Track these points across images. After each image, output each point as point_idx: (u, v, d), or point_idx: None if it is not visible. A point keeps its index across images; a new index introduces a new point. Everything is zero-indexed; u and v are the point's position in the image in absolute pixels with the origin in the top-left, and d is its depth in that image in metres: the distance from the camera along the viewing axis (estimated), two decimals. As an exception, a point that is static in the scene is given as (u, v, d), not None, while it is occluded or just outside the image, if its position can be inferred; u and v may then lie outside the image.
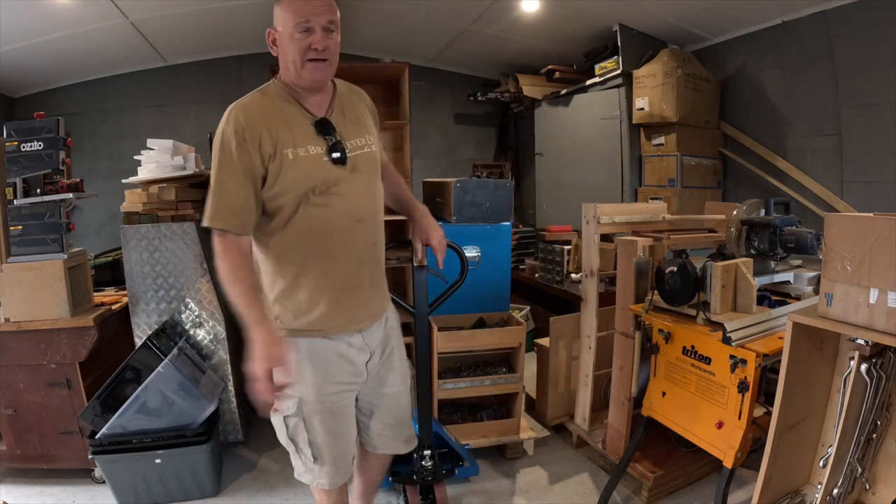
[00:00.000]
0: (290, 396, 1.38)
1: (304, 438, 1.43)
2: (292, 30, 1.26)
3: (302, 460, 1.47)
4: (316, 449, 1.44)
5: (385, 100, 2.95)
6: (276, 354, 1.23)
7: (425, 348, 1.90)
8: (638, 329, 2.03)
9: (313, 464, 1.46)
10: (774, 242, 1.94)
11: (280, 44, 1.30)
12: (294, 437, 1.43)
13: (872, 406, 1.45)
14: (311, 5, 1.26)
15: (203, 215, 1.29)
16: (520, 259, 4.24)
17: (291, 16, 1.26)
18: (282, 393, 1.27)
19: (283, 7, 1.28)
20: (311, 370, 1.39)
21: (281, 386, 1.24)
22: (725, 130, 3.82)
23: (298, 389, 1.38)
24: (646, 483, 2.12)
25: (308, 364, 1.39)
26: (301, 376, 1.37)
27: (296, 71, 1.30)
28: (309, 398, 1.40)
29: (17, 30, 3.31)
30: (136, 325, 2.44)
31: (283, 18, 1.28)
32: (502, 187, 2.68)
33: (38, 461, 2.34)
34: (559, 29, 4.07)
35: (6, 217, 2.18)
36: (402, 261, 2.61)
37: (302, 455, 1.45)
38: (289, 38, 1.27)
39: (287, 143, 1.30)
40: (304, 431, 1.42)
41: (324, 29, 1.28)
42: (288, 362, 1.26)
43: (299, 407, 1.40)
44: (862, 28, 2.93)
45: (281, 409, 1.39)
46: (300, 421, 1.41)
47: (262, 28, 1.39)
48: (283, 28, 1.28)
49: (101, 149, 4.50)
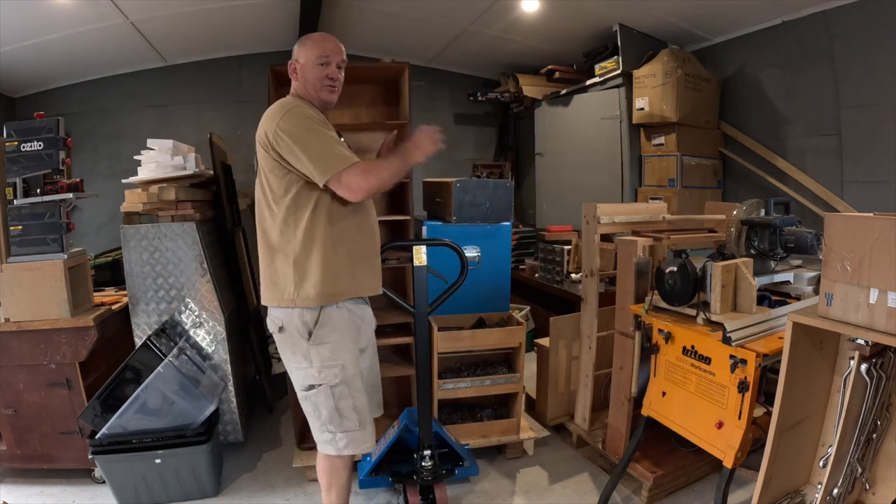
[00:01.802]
0: (332, 365, 1.61)
1: (349, 404, 1.63)
2: (315, 61, 1.65)
3: (346, 430, 1.64)
4: (360, 412, 1.65)
5: (385, 100, 2.94)
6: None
7: (425, 348, 1.90)
8: (638, 329, 2.03)
9: (358, 429, 1.64)
10: (774, 242, 1.94)
11: (301, 72, 1.67)
12: (339, 405, 1.62)
13: (872, 406, 1.45)
14: (331, 46, 1.67)
15: (320, 170, 1.51)
16: (520, 259, 4.25)
17: (315, 51, 1.65)
18: None
19: (307, 45, 1.67)
20: (347, 337, 1.65)
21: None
22: (725, 130, 3.83)
23: (341, 356, 1.62)
24: (646, 483, 2.12)
25: (344, 332, 1.64)
26: (340, 344, 1.62)
27: (315, 92, 1.67)
28: (349, 363, 1.64)
29: (17, 30, 3.31)
30: (136, 325, 2.44)
31: (308, 53, 1.66)
32: (502, 187, 2.68)
33: (38, 461, 2.34)
34: (559, 29, 4.07)
35: (6, 217, 2.18)
36: (402, 261, 2.61)
37: (347, 423, 1.63)
38: (311, 67, 1.65)
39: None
40: (348, 397, 1.63)
41: (337, 65, 1.69)
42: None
43: (344, 372, 1.62)
44: (862, 28, 2.93)
45: (327, 380, 1.61)
46: (345, 387, 1.62)
47: (262, 28, 1.44)
48: (305, 60, 1.66)
49: (101, 149, 4.49)
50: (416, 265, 1.82)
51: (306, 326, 1.60)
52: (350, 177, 1.52)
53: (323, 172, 1.51)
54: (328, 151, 1.53)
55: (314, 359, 1.61)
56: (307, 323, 1.60)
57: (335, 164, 1.52)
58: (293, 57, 1.69)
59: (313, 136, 1.54)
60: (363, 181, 1.53)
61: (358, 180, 1.53)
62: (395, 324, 2.59)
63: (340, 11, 3.82)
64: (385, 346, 2.68)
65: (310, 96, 1.67)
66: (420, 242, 1.81)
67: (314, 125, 1.55)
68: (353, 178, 1.52)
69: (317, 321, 1.60)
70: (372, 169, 1.57)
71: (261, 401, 3.14)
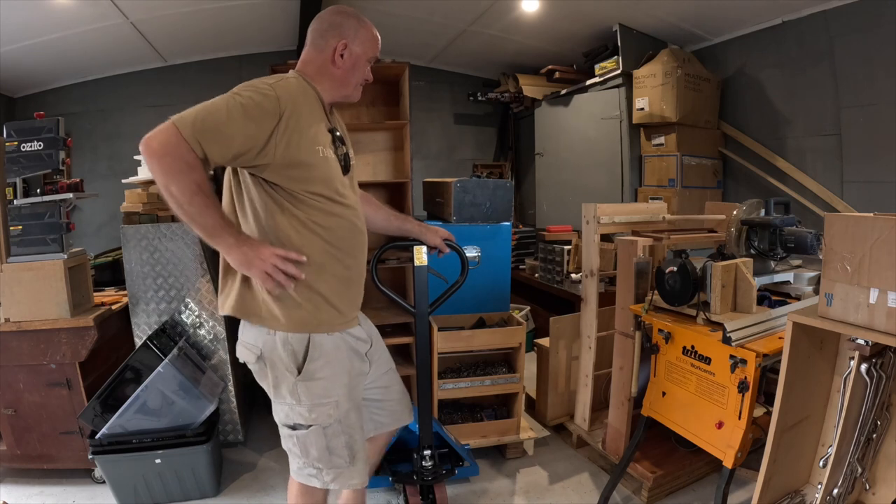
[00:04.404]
0: (326, 403, 1.37)
1: (342, 442, 1.40)
2: (367, 59, 1.45)
3: (334, 466, 1.41)
4: (351, 448, 1.42)
5: (385, 100, 2.95)
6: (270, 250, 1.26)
7: (425, 348, 1.90)
8: (638, 329, 2.03)
9: (348, 466, 1.42)
10: (774, 242, 1.94)
11: (350, 61, 1.42)
12: (332, 443, 1.39)
13: (872, 406, 1.45)
14: (378, 48, 1.48)
15: (178, 116, 1.18)
16: (520, 259, 4.25)
17: (370, 47, 1.45)
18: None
19: (366, 37, 1.43)
20: (340, 369, 1.40)
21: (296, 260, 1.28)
22: (725, 130, 3.83)
23: (334, 392, 1.38)
24: (646, 483, 2.12)
25: (337, 364, 1.40)
26: (334, 378, 1.38)
27: (351, 88, 1.46)
28: (343, 398, 1.40)
29: (17, 30, 3.31)
30: (136, 325, 2.44)
31: (364, 46, 1.43)
32: (502, 187, 2.68)
33: (38, 461, 2.34)
34: (559, 29, 4.07)
35: (6, 217, 2.18)
36: (402, 261, 2.61)
37: (336, 460, 1.41)
38: (363, 63, 1.44)
39: (319, 141, 1.35)
40: (342, 434, 1.40)
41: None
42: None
43: (338, 409, 1.39)
44: (862, 28, 2.93)
45: (319, 421, 1.37)
46: (339, 425, 1.39)
47: (262, 28, 1.42)
48: (361, 51, 1.43)
49: (101, 149, 4.50)
50: (417, 265, 1.82)
51: (294, 359, 1.34)
52: (165, 134, 1.16)
53: (187, 122, 1.17)
54: (203, 113, 1.19)
55: (303, 397, 1.35)
56: (295, 354, 1.34)
57: (185, 117, 1.18)
58: (339, 33, 1.39)
59: (235, 105, 1.21)
60: (160, 149, 1.16)
61: (160, 143, 1.16)
62: (395, 324, 2.59)
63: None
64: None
65: (337, 89, 1.43)
66: (420, 243, 1.81)
67: (254, 105, 1.22)
68: (162, 136, 1.16)
69: (306, 353, 1.34)
70: (185, 173, 1.16)
71: (261, 401, 3.14)
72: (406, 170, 2.74)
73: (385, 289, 1.82)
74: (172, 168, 1.16)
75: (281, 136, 1.26)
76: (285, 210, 1.31)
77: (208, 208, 1.21)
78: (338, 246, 1.38)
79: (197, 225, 1.22)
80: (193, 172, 1.18)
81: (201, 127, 1.18)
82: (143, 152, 1.17)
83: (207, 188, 1.20)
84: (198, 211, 1.20)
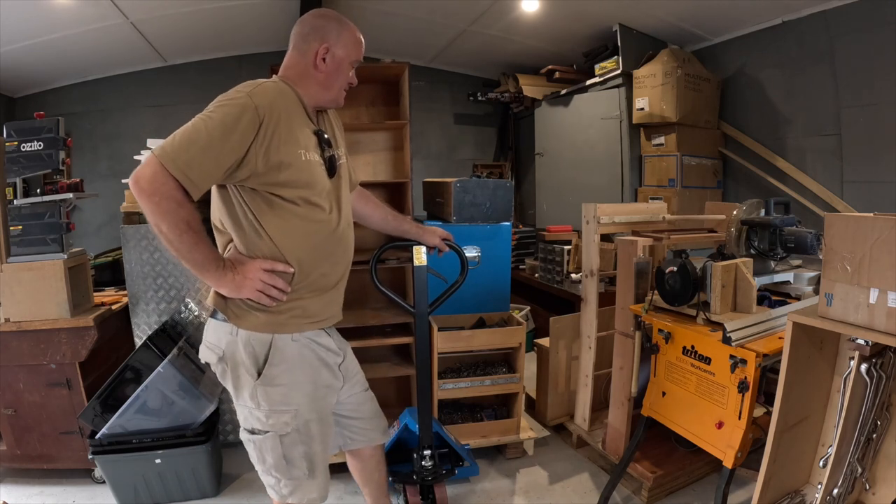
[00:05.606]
0: (284, 411, 1.35)
1: (300, 452, 1.38)
2: (350, 62, 1.43)
3: (292, 478, 1.40)
4: (311, 461, 1.40)
5: (385, 100, 2.94)
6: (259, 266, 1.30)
7: (425, 348, 1.89)
8: (638, 329, 2.03)
9: (307, 478, 1.41)
10: (774, 242, 1.94)
11: (333, 65, 1.40)
12: (289, 453, 1.37)
13: (872, 406, 1.45)
14: (361, 51, 1.46)
15: (161, 150, 1.16)
16: (520, 259, 4.25)
17: (353, 51, 1.42)
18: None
19: (348, 40, 1.41)
20: (303, 378, 1.39)
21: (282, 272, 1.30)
22: (725, 130, 3.83)
23: (294, 400, 1.36)
24: (646, 483, 2.12)
25: (299, 371, 1.38)
26: (295, 386, 1.37)
27: (335, 92, 1.43)
28: (304, 407, 1.38)
29: (17, 30, 3.31)
30: (136, 325, 2.44)
31: (347, 49, 1.41)
32: (502, 187, 2.68)
33: (38, 461, 2.34)
34: (559, 29, 4.07)
35: (6, 217, 2.18)
36: (401, 261, 2.61)
37: (294, 471, 1.39)
38: (346, 67, 1.42)
39: (301, 143, 1.33)
40: (300, 444, 1.38)
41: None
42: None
43: (296, 418, 1.37)
44: (862, 28, 2.93)
45: (276, 428, 1.35)
46: (297, 434, 1.37)
47: (261, 28, 1.42)
48: (343, 54, 1.40)
49: (101, 149, 4.50)
50: (417, 265, 1.82)
51: (254, 361, 1.33)
52: (152, 172, 1.15)
53: (169, 158, 1.16)
54: (185, 143, 1.18)
55: (262, 401, 1.34)
56: (256, 356, 1.33)
57: (169, 151, 1.16)
58: (321, 37, 1.38)
59: (213, 125, 1.20)
60: (149, 187, 1.15)
61: (148, 182, 1.15)
62: (395, 324, 2.59)
63: (340, 11, 3.81)
64: (385, 346, 2.69)
65: (321, 94, 1.41)
66: (419, 243, 1.81)
67: (231, 122, 1.21)
68: (149, 174, 1.15)
69: (267, 357, 1.33)
70: (174, 212, 1.17)
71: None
72: (406, 170, 2.74)
73: (385, 289, 1.82)
74: (161, 208, 1.17)
75: (261, 143, 1.25)
76: (264, 215, 1.31)
77: (197, 245, 1.23)
78: (314, 253, 1.37)
79: (186, 261, 1.25)
80: (182, 210, 1.19)
81: (185, 158, 1.17)
82: (132, 190, 1.18)
83: (196, 224, 1.22)
84: (187, 248, 1.22)
